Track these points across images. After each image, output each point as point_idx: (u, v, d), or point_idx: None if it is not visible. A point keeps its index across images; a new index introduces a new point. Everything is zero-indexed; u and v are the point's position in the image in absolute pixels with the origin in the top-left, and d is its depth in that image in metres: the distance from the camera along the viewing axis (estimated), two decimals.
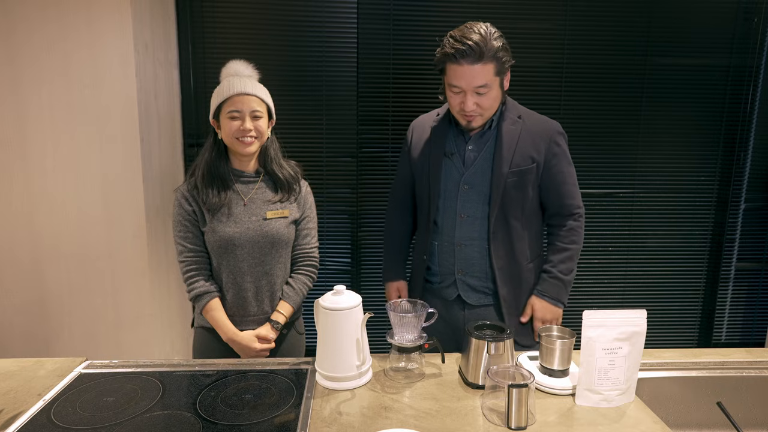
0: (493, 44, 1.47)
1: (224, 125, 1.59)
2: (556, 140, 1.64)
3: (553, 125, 1.66)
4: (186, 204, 1.61)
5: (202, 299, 1.62)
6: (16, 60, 2.01)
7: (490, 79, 1.50)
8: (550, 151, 1.63)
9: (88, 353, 2.15)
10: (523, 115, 1.66)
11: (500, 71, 1.53)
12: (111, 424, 1.15)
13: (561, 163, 1.65)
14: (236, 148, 1.60)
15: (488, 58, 1.47)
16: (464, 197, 1.64)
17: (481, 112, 1.57)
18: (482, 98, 1.53)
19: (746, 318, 2.95)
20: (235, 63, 1.64)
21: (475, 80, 1.50)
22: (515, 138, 1.61)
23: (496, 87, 1.54)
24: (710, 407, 1.41)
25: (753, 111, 2.72)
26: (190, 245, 1.62)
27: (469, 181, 1.63)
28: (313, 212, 1.78)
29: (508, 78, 1.59)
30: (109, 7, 2.00)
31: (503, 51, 1.51)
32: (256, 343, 1.63)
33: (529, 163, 1.61)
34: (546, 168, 1.64)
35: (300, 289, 1.72)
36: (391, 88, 2.60)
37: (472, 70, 1.48)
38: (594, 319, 1.23)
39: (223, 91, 1.58)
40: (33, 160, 2.07)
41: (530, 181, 1.63)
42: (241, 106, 1.57)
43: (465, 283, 1.69)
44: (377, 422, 1.16)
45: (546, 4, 2.56)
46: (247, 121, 1.58)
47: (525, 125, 1.63)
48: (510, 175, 1.60)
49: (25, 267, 2.14)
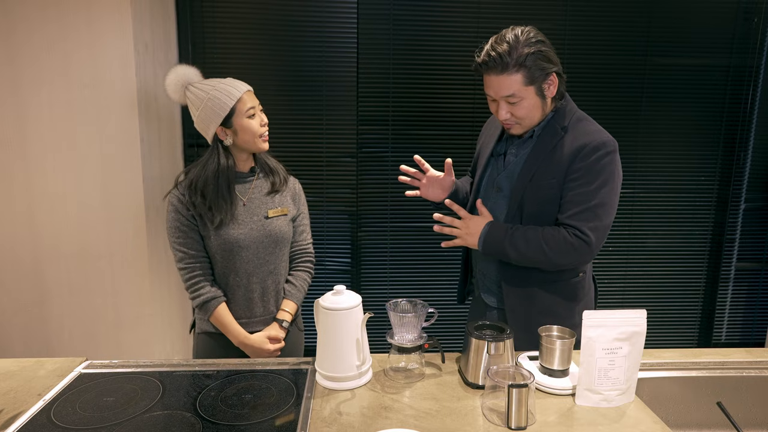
0: (522, 52, 1.39)
1: (244, 126, 1.56)
2: (587, 155, 1.46)
3: (593, 140, 1.46)
4: (183, 209, 1.58)
5: (209, 305, 1.60)
6: (16, 60, 2.01)
7: (517, 89, 1.43)
8: (574, 166, 1.47)
9: (88, 353, 2.15)
10: (571, 126, 1.51)
11: (533, 80, 1.43)
12: (111, 424, 1.15)
13: (582, 179, 1.46)
14: (259, 146, 1.60)
15: (513, 68, 1.40)
16: (494, 198, 1.61)
17: (517, 121, 1.50)
18: (515, 107, 1.47)
19: (746, 318, 2.95)
20: (188, 69, 1.61)
21: (501, 90, 1.45)
22: (547, 151, 1.51)
23: (531, 96, 1.45)
24: (710, 407, 1.41)
25: (753, 111, 2.72)
26: (192, 251, 1.59)
27: (500, 183, 1.60)
28: (306, 208, 1.80)
29: (554, 84, 1.47)
30: (109, 7, 2.00)
31: (537, 58, 1.41)
32: (269, 344, 1.63)
33: (548, 179, 1.50)
34: (564, 182, 1.49)
35: (301, 286, 1.73)
36: (391, 88, 2.60)
37: (498, 80, 1.44)
38: (594, 319, 1.23)
39: (232, 94, 1.54)
40: (33, 160, 2.07)
41: (552, 198, 1.51)
42: (253, 102, 1.59)
43: (484, 283, 1.68)
44: (377, 422, 1.16)
45: (546, 4, 2.56)
46: (262, 114, 1.61)
47: (565, 139, 1.50)
48: (529, 187, 1.52)
49: (25, 267, 2.14)
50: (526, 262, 1.51)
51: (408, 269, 2.77)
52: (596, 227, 1.46)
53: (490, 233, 1.52)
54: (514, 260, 1.52)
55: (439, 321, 2.62)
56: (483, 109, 2.62)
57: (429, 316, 1.37)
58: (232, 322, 1.62)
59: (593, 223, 1.46)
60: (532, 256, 1.49)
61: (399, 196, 2.70)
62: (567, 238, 1.46)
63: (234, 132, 1.58)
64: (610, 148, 1.47)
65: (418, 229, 2.73)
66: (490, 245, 1.53)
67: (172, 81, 1.60)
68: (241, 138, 1.58)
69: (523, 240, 1.49)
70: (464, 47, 2.58)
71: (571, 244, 1.46)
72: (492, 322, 1.38)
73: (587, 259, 1.53)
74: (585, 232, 1.45)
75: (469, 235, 1.55)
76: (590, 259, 1.55)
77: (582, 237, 1.45)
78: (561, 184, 1.49)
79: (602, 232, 1.48)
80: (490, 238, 1.52)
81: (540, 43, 1.43)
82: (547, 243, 1.47)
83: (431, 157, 2.66)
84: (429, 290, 2.79)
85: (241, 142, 1.59)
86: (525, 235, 1.49)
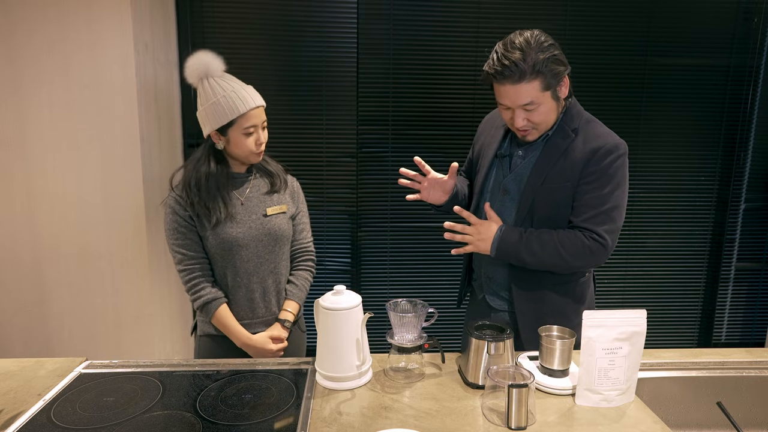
0: (537, 58, 1.36)
1: (238, 141, 1.55)
2: (599, 159, 1.46)
3: (605, 143, 1.47)
4: (181, 210, 1.57)
5: (210, 306, 1.59)
6: (17, 60, 2.01)
7: (535, 96, 1.40)
8: (587, 169, 1.46)
9: (88, 353, 2.15)
10: (581, 128, 1.51)
11: (549, 85, 1.41)
12: (111, 424, 1.15)
13: (595, 183, 1.46)
14: (251, 160, 1.59)
15: (531, 75, 1.37)
16: (500, 201, 1.59)
17: (534, 126, 1.47)
18: (532, 114, 1.45)
19: (746, 318, 2.95)
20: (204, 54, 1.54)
21: (519, 99, 1.42)
22: (558, 153, 1.49)
23: (548, 101, 1.43)
24: (710, 407, 1.41)
25: (753, 111, 2.72)
26: (191, 252, 1.58)
27: (507, 186, 1.58)
28: (305, 207, 1.79)
29: (566, 85, 1.46)
30: (109, 7, 2.00)
31: (552, 63, 1.38)
32: (271, 344, 1.62)
33: (562, 182, 1.49)
34: (577, 185, 1.48)
35: (303, 285, 1.72)
36: (391, 88, 2.60)
37: (516, 89, 1.40)
38: (594, 319, 1.23)
39: (237, 107, 1.51)
40: (33, 160, 2.07)
41: (564, 200, 1.50)
42: (256, 121, 1.55)
43: (489, 286, 1.67)
44: (377, 422, 1.16)
45: (546, 4, 2.56)
46: (262, 133, 1.57)
47: (575, 141, 1.49)
48: (541, 191, 1.51)
49: (25, 267, 2.14)
50: (541, 265, 1.51)
51: (408, 269, 2.77)
52: (611, 230, 1.47)
53: (504, 238, 1.50)
54: (529, 264, 1.51)
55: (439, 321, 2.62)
56: (483, 109, 2.61)
57: (429, 316, 1.37)
58: (233, 323, 1.61)
59: (608, 226, 1.47)
60: (548, 260, 1.48)
61: (399, 196, 2.70)
62: (584, 242, 1.46)
63: (227, 141, 1.57)
64: (622, 151, 1.48)
65: (418, 229, 2.73)
66: (503, 250, 1.50)
67: (191, 66, 1.56)
68: (232, 149, 1.58)
69: (539, 244, 1.48)
70: (464, 47, 2.58)
71: (588, 248, 1.46)
72: (492, 322, 1.38)
73: (602, 261, 1.52)
74: (601, 235, 1.46)
75: (481, 241, 1.52)
76: (604, 261, 1.55)
77: (599, 240, 1.46)
78: (575, 186, 1.49)
79: (616, 234, 1.50)
80: (503, 243, 1.50)
81: (552, 47, 1.41)
82: (564, 246, 1.47)
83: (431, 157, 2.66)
84: (429, 290, 2.79)
85: (232, 151, 1.58)
86: (540, 239, 1.48)
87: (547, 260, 1.48)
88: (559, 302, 1.58)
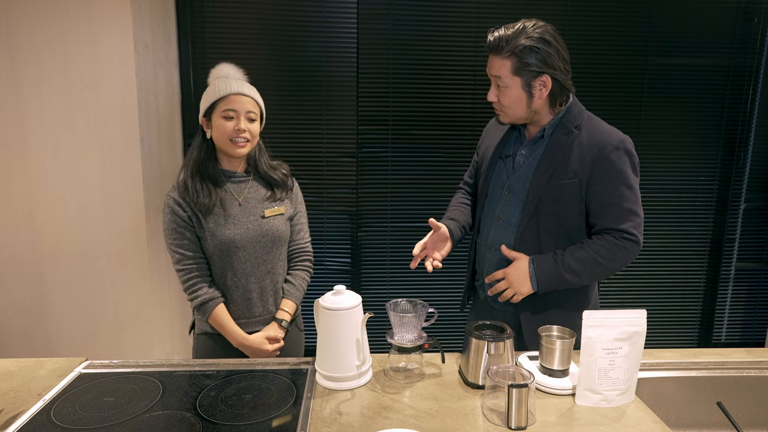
0: (518, 42, 1.42)
1: (217, 125, 1.57)
2: (608, 156, 1.46)
3: (611, 139, 1.48)
4: (180, 210, 1.57)
5: (207, 306, 1.59)
6: (16, 60, 2.01)
7: (504, 75, 1.46)
8: (597, 168, 1.46)
9: (88, 353, 2.16)
10: (584, 125, 1.52)
11: (519, 72, 1.44)
12: (111, 424, 1.15)
13: (610, 182, 1.47)
14: (228, 149, 1.58)
15: (506, 53, 1.44)
16: (504, 201, 1.60)
17: (501, 108, 1.53)
18: (501, 93, 1.50)
19: (746, 318, 2.95)
20: (226, 66, 1.62)
21: (491, 69, 1.49)
22: (562, 150, 1.50)
23: (517, 88, 1.46)
24: (710, 407, 1.41)
25: (753, 111, 2.72)
26: (189, 252, 1.59)
27: (511, 186, 1.58)
28: (303, 207, 1.79)
29: (546, 87, 1.46)
30: (109, 7, 2.00)
31: (529, 52, 1.42)
32: (267, 344, 1.63)
33: (570, 178, 1.49)
34: (589, 185, 1.48)
35: (300, 285, 1.72)
36: (391, 88, 2.60)
37: (491, 60, 1.49)
38: (594, 319, 1.23)
39: (219, 90, 1.56)
40: (33, 160, 2.07)
41: (571, 196, 1.50)
42: (237, 106, 1.56)
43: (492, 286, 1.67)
44: (377, 422, 1.16)
45: (546, 4, 2.56)
46: (242, 121, 1.56)
47: (579, 137, 1.50)
48: (547, 187, 1.51)
49: (25, 267, 2.14)
50: (585, 281, 1.52)
51: (408, 269, 2.77)
52: (637, 224, 1.49)
53: (541, 270, 1.49)
54: (575, 285, 1.51)
55: (439, 321, 2.63)
56: (483, 109, 2.62)
57: (429, 316, 1.37)
58: (230, 323, 1.61)
59: (633, 221, 1.49)
60: (590, 273, 1.49)
61: (399, 196, 2.70)
62: (617, 243, 1.48)
63: (211, 127, 1.59)
64: (628, 144, 1.51)
65: (418, 229, 2.73)
66: (544, 282, 1.49)
67: (211, 74, 1.63)
68: (214, 136, 1.59)
69: (576, 261, 1.49)
70: (464, 47, 2.58)
71: (623, 248, 1.48)
72: (493, 322, 1.38)
73: (636, 255, 1.54)
74: (630, 232, 1.48)
75: (519, 284, 1.51)
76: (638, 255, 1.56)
77: (630, 238, 1.48)
78: (583, 183, 1.49)
79: (642, 226, 1.51)
80: (542, 274, 1.49)
81: (542, 41, 1.43)
82: (601, 255, 1.48)
83: (431, 157, 2.68)
84: (429, 290, 2.79)
85: (215, 140, 1.60)
86: (575, 256, 1.49)
87: (588, 274, 1.50)
88: (563, 302, 1.58)
